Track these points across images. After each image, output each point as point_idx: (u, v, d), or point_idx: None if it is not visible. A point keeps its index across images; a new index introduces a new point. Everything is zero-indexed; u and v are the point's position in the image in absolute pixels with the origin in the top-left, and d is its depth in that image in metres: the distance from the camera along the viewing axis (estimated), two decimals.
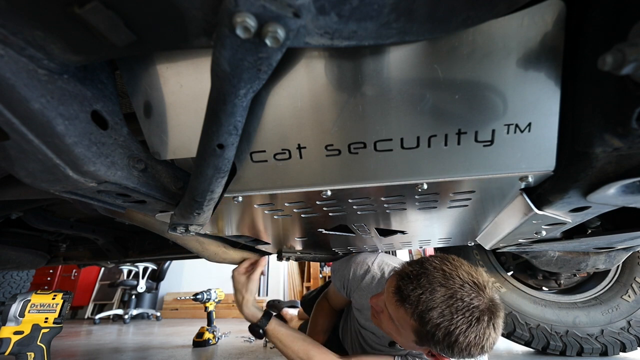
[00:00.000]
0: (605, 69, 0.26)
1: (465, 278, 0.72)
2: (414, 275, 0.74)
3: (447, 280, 0.71)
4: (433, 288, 0.70)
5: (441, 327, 0.69)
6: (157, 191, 0.51)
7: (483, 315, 0.69)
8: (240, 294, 1.05)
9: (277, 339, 0.99)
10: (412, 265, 0.79)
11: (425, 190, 0.51)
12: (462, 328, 0.68)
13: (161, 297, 5.13)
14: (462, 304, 0.69)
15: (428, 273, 0.73)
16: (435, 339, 0.70)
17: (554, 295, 1.63)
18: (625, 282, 1.55)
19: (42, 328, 0.82)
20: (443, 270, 0.73)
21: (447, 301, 0.69)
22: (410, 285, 0.73)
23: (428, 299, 0.70)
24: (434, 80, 0.41)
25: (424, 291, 0.71)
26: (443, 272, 0.73)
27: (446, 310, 0.69)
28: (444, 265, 0.75)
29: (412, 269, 0.77)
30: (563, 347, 1.50)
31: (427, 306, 0.69)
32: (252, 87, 0.32)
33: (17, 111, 0.32)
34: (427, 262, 0.77)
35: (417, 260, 0.82)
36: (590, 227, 0.88)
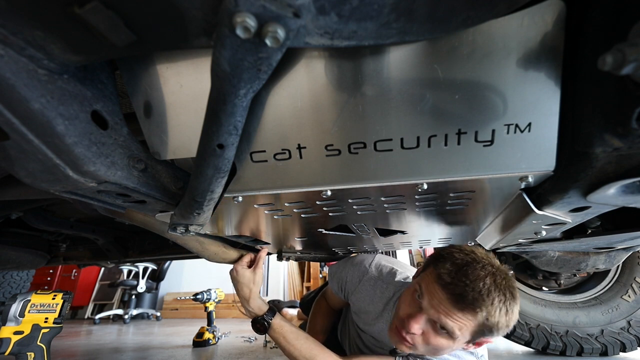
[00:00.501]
0: (605, 69, 0.26)
1: (485, 258, 0.77)
2: (462, 275, 0.73)
3: (483, 267, 0.74)
4: (483, 281, 0.72)
5: (502, 312, 0.72)
6: (157, 191, 0.51)
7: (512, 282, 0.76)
8: (247, 288, 1.01)
9: (281, 334, 0.98)
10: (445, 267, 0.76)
11: (425, 190, 0.51)
12: (513, 303, 0.73)
13: (161, 297, 5.13)
14: (504, 282, 0.73)
15: (469, 268, 0.74)
16: (500, 325, 0.73)
17: (554, 295, 1.63)
18: (625, 282, 1.55)
19: (42, 328, 0.82)
20: (472, 259, 0.76)
21: (496, 286, 0.72)
22: (467, 287, 0.72)
23: (487, 293, 0.71)
24: (434, 80, 0.41)
25: (480, 287, 0.71)
26: (475, 261, 0.75)
27: (500, 295, 0.72)
28: (466, 255, 0.77)
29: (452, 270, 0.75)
30: (563, 347, 1.50)
31: (490, 300, 0.71)
32: (252, 87, 0.32)
33: (17, 111, 0.32)
34: (454, 258, 0.77)
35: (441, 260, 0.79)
36: (590, 227, 0.88)
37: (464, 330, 0.75)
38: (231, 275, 1.03)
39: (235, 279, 1.02)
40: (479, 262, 0.75)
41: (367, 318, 1.10)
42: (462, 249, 0.80)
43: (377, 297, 1.07)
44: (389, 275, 1.10)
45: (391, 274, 1.11)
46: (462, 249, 0.80)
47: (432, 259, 0.84)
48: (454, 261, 0.76)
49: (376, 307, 1.06)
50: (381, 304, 1.05)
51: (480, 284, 0.71)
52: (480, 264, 0.74)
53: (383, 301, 1.05)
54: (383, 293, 1.07)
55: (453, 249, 0.80)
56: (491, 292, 0.71)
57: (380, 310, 1.05)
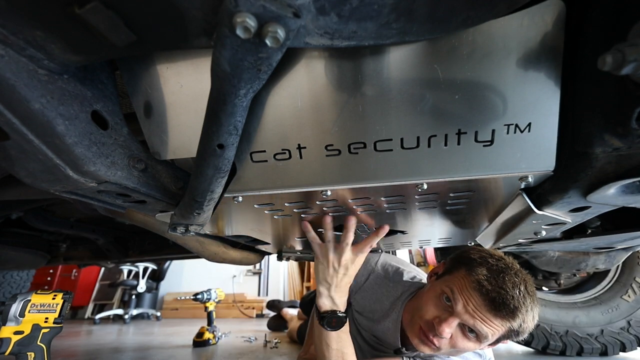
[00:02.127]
0: (605, 69, 0.26)
1: (512, 264, 0.78)
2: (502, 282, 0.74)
3: (515, 274, 0.76)
4: (519, 289, 0.73)
5: (531, 317, 0.75)
6: (157, 191, 0.51)
7: (532, 286, 0.77)
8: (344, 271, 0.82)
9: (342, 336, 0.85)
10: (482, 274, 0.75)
11: (425, 190, 0.51)
12: (536, 308, 0.76)
13: (161, 297, 5.14)
14: (532, 289, 0.76)
15: (506, 275, 0.75)
16: (528, 329, 0.76)
17: (554, 295, 1.63)
18: (625, 282, 1.55)
19: (42, 328, 0.82)
20: (505, 265, 0.77)
21: (527, 294, 0.74)
22: (508, 295, 0.72)
23: (523, 301, 0.73)
24: (434, 80, 0.41)
25: (518, 296, 0.73)
26: (508, 267, 0.77)
27: (530, 302, 0.74)
28: (497, 261, 0.78)
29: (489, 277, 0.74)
30: (563, 347, 1.50)
31: (525, 308, 0.73)
32: (252, 87, 0.32)
33: (18, 111, 0.32)
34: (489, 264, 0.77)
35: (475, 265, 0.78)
36: (590, 227, 0.88)
37: (495, 335, 0.76)
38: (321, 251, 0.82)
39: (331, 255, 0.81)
40: (512, 269, 0.76)
41: (372, 316, 1.10)
42: (492, 254, 0.81)
43: (384, 296, 1.07)
44: (396, 274, 1.11)
45: (398, 273, 1.11)
46: (492, 254, 0.81)
47: (461, 262, 0.82)
48: (490, 267, 0.76)
49: (383, 305, 1.06)
50: (388, 303, 1.05)
51: (517, 292, 0.73)
52: (513, 270, 0.76)
53: (390, 300, 1.05)
54: (390, 292, 1.06)
55: (484, 253, 0.81)
56: (526, 299, 0.73)
57: (387, 309, 1.05)
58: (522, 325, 0.74)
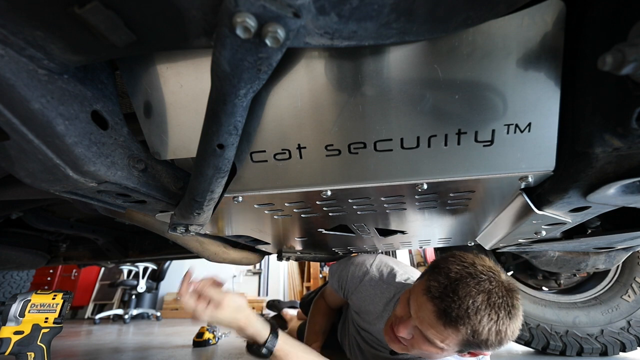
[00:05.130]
0: (605, 69, 0.26)
1: (486, 272, 0.74)
2: (451, 290, 0.72)
3: (478, 282, 0.72)
4: (473, 297, 0.70)
5: (492, 331, 0.70)
6: (157, 191, 0.51)
7: (513, 300, 0.73)
8: (242, 313, 0.79)
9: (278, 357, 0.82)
10: (437, 280, 0.75)
11: (425, 190, 0.51)
12: (507, 323, 0.72)
13: (161, 297, 5.13)
14: (500, 301, 0.71)
15: (460, 282, 0.73)
16: (489, 343, 0.72)
17: (554, 295, 1.63)
18: (625, 282, 1.55)
19: (42, 328, 0.82)
20: (468, 273, 0.73)
21: (488, 304, 0.70)
22: (454, 303, 0.71)
23: (475, 311, 0.70)
24: (434, 80, 0.41)
25: (467, 304, 0.70)
26: (471, 276, 0.73)
27: (492, 313, 0.70)
28: (465, 268, 0.75)
29: (443, 284, 0.74)
30: (563, 347, 1.50)
31: (477, 319, 0.70)
32: (252, 87, 0.32)
33: (17, 111, 0.32)
34: (449, 270, 0.76)
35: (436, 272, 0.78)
36: (590, 227, 0.88)
37: (448, 342, 0.75)
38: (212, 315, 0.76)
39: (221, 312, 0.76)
40: (475, 277, 0.73)
41: (367, 318, 1.10)
42: (463, 260, 0.77)
43: (377, 298, 1.07)
44: (389, 276, 1.10)
45: (392, 274, 1.10)
46: (464, 260, 0.77)
47: (429, 268, 0.83)
48: (449, 274, 0.75)
49: (376, 307, 1.07)
50: (381, 305, 1.06)
51: (470, 302, 0.70)
52: (477, 279, 0.72)
53: (383, 301, 1.06)
54: (383, 294, 1.07)
55: (453, 260, 0.78)
56: (480, 310, 0.70)
57: (381, 311, 1.05)
58: (477, 337, 0.71)
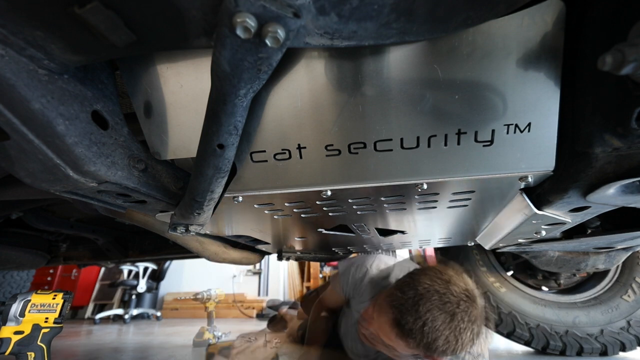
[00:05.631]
0: (604, 69, 0.26)
1: (458, 294, 0.73)
2: (411, 305, 0.73)
3: (444, 303, 0.71)
4: (434, 316, 0.70)
5: (448, 350, 0.70)
6: (157, 191, 0.51)
7: (480, 326, 0.72)
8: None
9: None
10: (404, 291, 0.76)
11: (425, 190, 0.51)
12: (468, 345, 0.71)
13: (161, 297, 5.13)
14: (464, 325, 0.70)
15: (424, 298, 0.72)
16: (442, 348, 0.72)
17: (554, 295, 1.63)
18: (625, 282, 1.55)
19: (43, 328, 0.82)
20: (437, 291, 0.73)
21: (449, 326, 0.70)
22: (410, 318, 0.71)
23: (431, 329, 0.69)
24: (434, 80, 0.41)
25: (425, 321, 0.70)
26: (438, 294, 0.72)
27: (451, 336, 0.70)
28: (436, 284, 0.74)
29: (407, 297, 0.74)
30: (563, 346, 1.50)
31: (432, 337, 0.70)
32: (252, 87, 0.32)
33: (18, 111, 0.32)
34: (419, 283, 0.76)
35: (406, 282, 0.79)
36: (590, 227, 0.88)
37: (400, 349, 0.77)
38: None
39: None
40: (442, 296, 0.72)
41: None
42: (438, 276, 0.77)
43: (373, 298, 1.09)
44: (385, 277, 1.13)
45: (387, 275, 1.13)
46: (439, 276, 0.77)
47: (405, 275, 0.84)
48: (417, 286, 0.75)
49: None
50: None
51: (427, 319, 0.70)
52: (444, 299, 0.72)
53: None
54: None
55: (428, 273, 0.79)
56: (437, 330, 0.69)
57: None
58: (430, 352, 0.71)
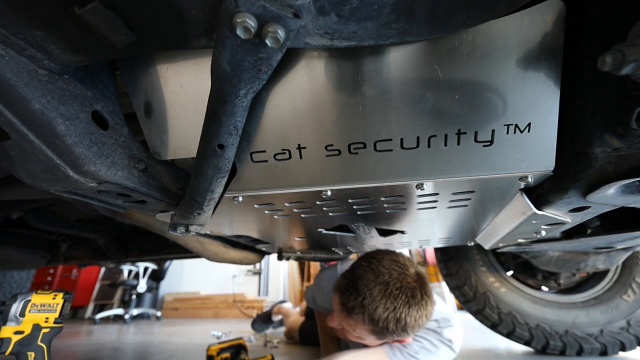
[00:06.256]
0: (604, 69, 0.26)
1: (389, 266, 0.83)
2: (351, 286, 0.83)
3: (377, 276, 0.81)
4: (370, 289, 0.79)
5: (389, 318, 0.78)
6: (157, 191, 0.51)
7: (415, 290, 0.80)
8: None
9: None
10: (345, 276, 0.87)
11: (425, 190, 0.51)
12: (405, 310, 0.79)
13: (161, 297, 5.13)
14: (396, 290, 0.79)
15: (361, 277, 0.82)
16: (390, 330, 0.80)
17: (554, 295, 1.63)
18: (625, 282, 1.55)
19: (43, 328, 0.82)
20: (371, 268, 0.83)
21: (384, 294, 0.79)
22: (352, 296, 0.81)
23: (370, 301, 0.78)
24: (434, 80, 0.41)
25: (364, 296, 0.79)
26: (372, 270, 0.82)
27: (388, 303, 0.78)
28: (371, 264, 0.84)
29: (347, 280, 0.85)
30: (562, 346, 1.50)
31: (373, 307, 0.78)
32: (252, 88, 0.32)
33: (18, 111, 0.32)
34: (357, 267, 0.86)
35: (348, 270, 0.89)
36: (590, 227, 0.88)
37: (358, 331, 0.84)
38: None
39: None
40: (375, 271, 0.82)
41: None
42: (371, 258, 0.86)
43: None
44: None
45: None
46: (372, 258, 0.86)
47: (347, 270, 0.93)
48: (355, 270, 0.85)
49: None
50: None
51: (366, 293, 0.79)
52: (376, 273, 0.81)
53: None
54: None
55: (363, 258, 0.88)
56: (375, 300, 0.78)
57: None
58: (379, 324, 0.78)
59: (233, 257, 1.12)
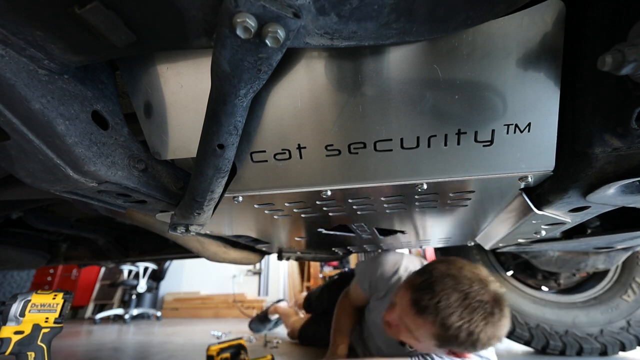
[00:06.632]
0: (604, 69, 0.26)
1: (471, 276, 0.79)
2: (427, 285, 0.79)
3: (457, 283, 0.77)
4: (448, 294, 0.76)
5: (462, 328, 0.74)
6: (157, 191, 0.51)
7: (494, 308, 0.76)
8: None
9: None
10: (421, 275, 0.84)
11: (425, 190, 0.51)
12: (481, 326, 0.75)
13: (161, 297, 5.13)
14: (476, 303, 0.75)
15: (439, 280, 0.79)
16: (459, 341, 0.76)
17: (554, 295, 1.63)
18: (625, 282, 1.55)
19: (43, 328, 0.82)
20: (451, 274, 0.79)
21: (462, 303, 0.75)
22: (427, 295, 0.78)
23: (446, 305, 0.75)
24: (434, 80, 0.41)
25: (440, 298, 0.76)
26: (452, 276, 0.79)
27: (464, 313, 0.75)
28: (450, 269, 0.81)
29: (423, 279, 0.82)
30: (562, 346, 1.50)
31: (447, 312, 0.75)
32: (252, 87, 0.32)
33: (18, 111, 0.32)
34: (435, 269, 0.83)
35: (423, 269, 0.86)
36: (590, 227, 0.88)
37: (421, 332, 0.81)
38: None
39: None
40: (455, 279, 0.78)
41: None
42: (451, 264, 0.83)
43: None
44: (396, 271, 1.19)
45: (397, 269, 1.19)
46: (452, 264, 0.83)
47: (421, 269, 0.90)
48: (432, 271, 0.82)
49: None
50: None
51: (442, 296, 0.76)
52: (456, 280, 0.78)
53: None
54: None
55: (442, 262, 0.85)
56: (451, 307, 0.75)
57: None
58: (445, 330, 0.75)
59: (233, 257, 1.13)
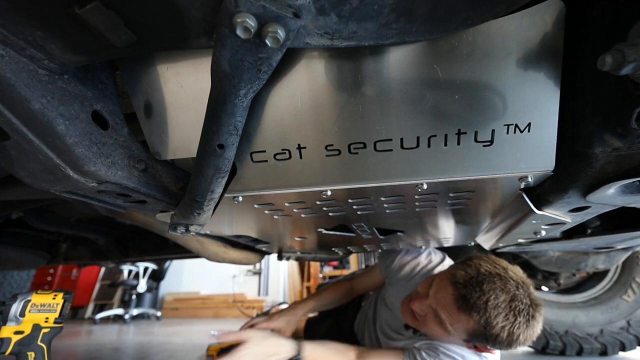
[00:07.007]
0: (604, 69, 0.26)
1: (516, 279, 0.79)
2: (476, 283, 0.79)
3: (505, 284, 0.78)
4: (496, 294, 0.76)
5: (505, 328, 0.75)
6: (157, 191, 0.51)
7: (535, 312, 0.78)
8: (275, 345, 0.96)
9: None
10: (465, 270, 0.82)
11: (425, 190, 0.51)
12: (523, 328, 0.76)
13: (161, 297, 5.14)
14: (522, 306, 0.76)
15: (487, 279, 0.79)
16: (499, 340, 0.77)
17: (554, 295, 1.64)
18: (625, 282, 1.55)
19: (43, 328, 0.82)
20: (499, 275, 0.79)
21: (509, 305, 0.76)
22: (475, 293, 0.77)
23: (494, 305, 0.76)
24: (434, 80, 0.41)
25: (488, 298, 0.76)
26: (499, 277, 0.79)
27: (510, 315, 0.76)
28: (496, 268, 0.81)
29: (470, 276, 0.81)
30: (562, 346, 1.51)
31: (494, 312, 0.75)
32: (252, 87, 0.32)
33: (18, 111, 0.32)
34: (480, 266, 0.82)
35: (466, 264, 0.85)
36: (590, 227, 0.88)
37: (456, 327, 0.81)
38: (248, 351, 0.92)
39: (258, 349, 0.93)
40: (503, 279, 0.78)
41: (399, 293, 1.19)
42: (495, 263, 0.83)
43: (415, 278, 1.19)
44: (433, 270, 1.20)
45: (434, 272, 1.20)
46: (496, 263, 0.83)
47: (460, 261, 0.90)
48: (479, 269, 0.81)
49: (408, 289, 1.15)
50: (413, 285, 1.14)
51: (492, 296, 0.76)
52: (504, 281, 0.78)
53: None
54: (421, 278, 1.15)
55: (486, 259, 0.85)
56: (499, 307, 0.75)
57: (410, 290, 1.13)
58: (489, 330, 0.76)
59: (233, 257, 1.13)
